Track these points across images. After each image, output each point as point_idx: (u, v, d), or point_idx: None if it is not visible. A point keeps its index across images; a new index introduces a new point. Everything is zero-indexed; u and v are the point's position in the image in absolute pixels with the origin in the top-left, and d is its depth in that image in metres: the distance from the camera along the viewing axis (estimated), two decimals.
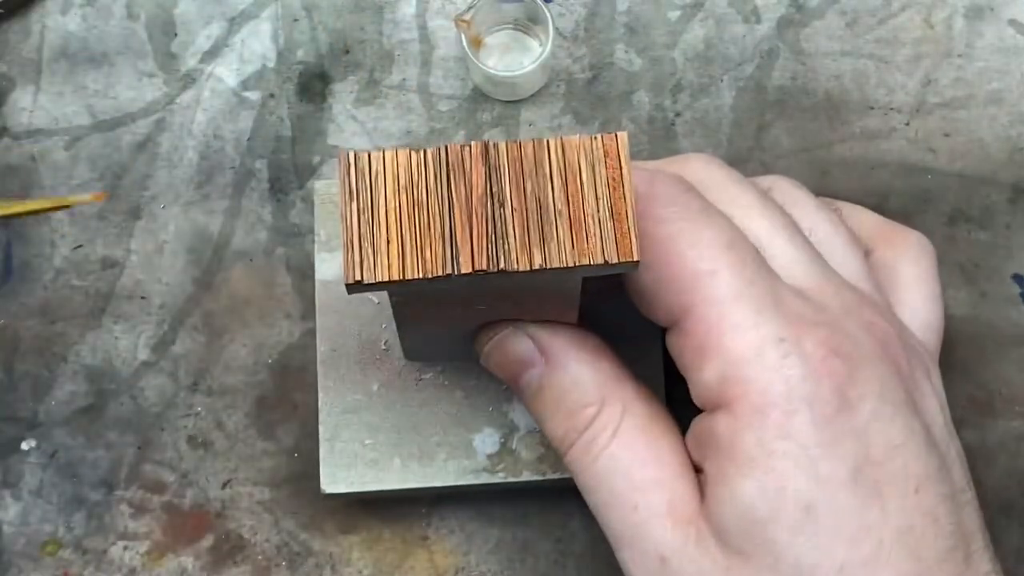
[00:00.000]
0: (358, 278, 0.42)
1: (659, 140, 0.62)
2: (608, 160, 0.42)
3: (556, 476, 0.57)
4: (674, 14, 0.63)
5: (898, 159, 0.62)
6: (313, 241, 0.59)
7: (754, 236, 0.48)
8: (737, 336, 0.45)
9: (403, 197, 0.42)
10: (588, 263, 0.42)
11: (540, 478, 0.57)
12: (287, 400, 0.60)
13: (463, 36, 0.59)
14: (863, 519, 0.44)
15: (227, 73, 0.62)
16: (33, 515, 0.59)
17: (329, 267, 0.58)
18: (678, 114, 0.62)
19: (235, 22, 0.63)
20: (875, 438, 0.45)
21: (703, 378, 0.46)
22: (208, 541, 0.59)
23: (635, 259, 0.42)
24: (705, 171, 0.50)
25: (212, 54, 0.62)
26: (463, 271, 0.42)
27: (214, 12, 0.63)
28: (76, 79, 0.62)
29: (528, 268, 0.42)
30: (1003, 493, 0.59)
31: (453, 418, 0.57)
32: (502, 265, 0.42)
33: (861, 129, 0.62)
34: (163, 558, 0.59)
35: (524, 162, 0.42)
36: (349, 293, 0.42)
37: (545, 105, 0.62)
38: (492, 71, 0.60)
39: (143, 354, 0.60)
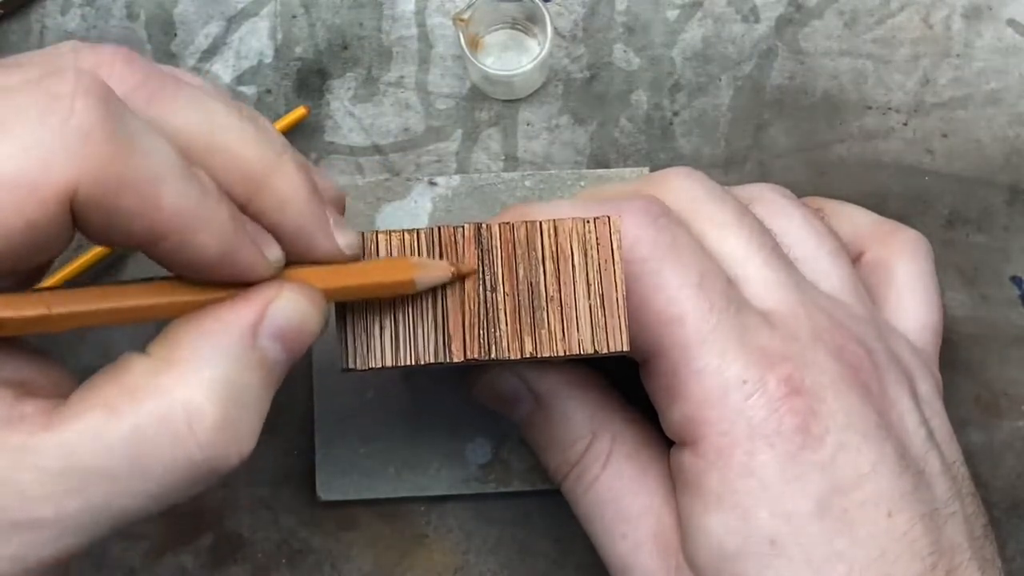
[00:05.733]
0: (352, 366, 0.42)
1: (657, 140, 0.60)
2: (600, 245, 0.42)
3: (546, 487, 0.56)
4: (672, 13, 0.61)
5: (896, 160, 0.60)
6: None
7: (729, 258, 0.48)
8: (701, 380, 0.45)
9: None
10: (578, 352, 0.42)
11: (530, 488, 0.57)
12: (286, 397, 0.58)
13: (461, 35, 0.58)
14: (832, 549, 0.44)
15: (224, 70, 0.61)
16: None
17: None
18: (676, 113, 0.60)
19: (234, 20, 0.61)
20: (842, 469, 0.45)
21: (671, 416, 0.47)
22: (207, 540, 0.58)
23: (625, 349, 0.42)
24: (683, 189, 0.50)
25: (211, 53, 0.61)
26: (455, 360, 0.42)
27: (213, 11, 0.61)
28: None
29: (519, 356, 0.42)
30: (1011, 493, 0.58)
31: (446, 427, 0.57)
32: (493, 355, 0.42)
33: (859, 129, 0.61)
34: (162, 557, 0.58)
35: (516, 245, 0.42)
36: (343, 373, 0.43)
37: (543, 104, 0.61)
38: (490, 70, 0.58)
39: None
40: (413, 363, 0.42)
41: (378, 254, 0.42)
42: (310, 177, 0.41)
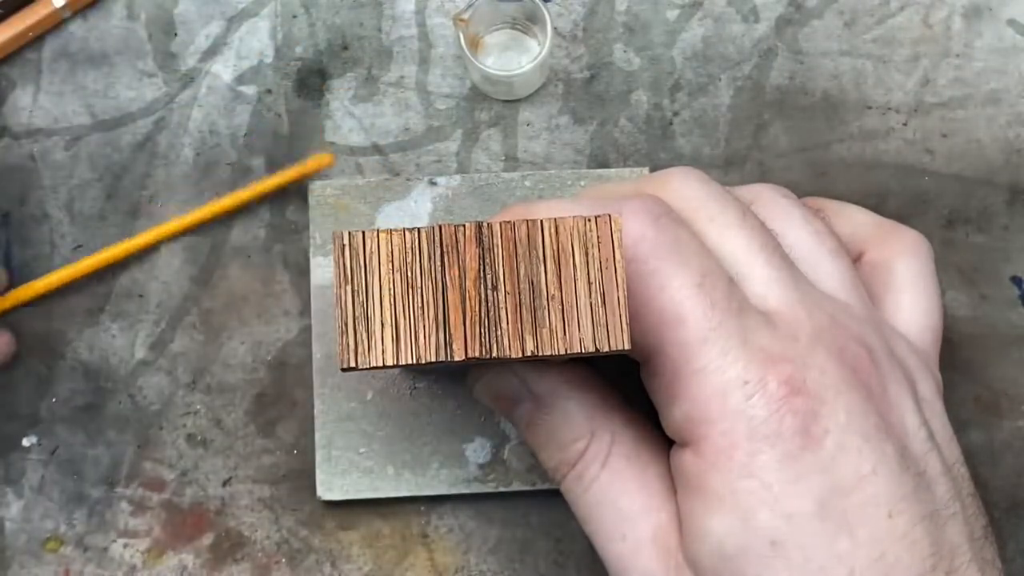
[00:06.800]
0: (352, 364, 0.42)
1: (656, 140, 0.60)
2: (601, 243, 0.42)
3: (546, 487, 0.57)
4: (672, 13, 0.61)
5: (896, 160, 0.60)
6: (310, 238, 0.58)
7: (730, 258, 0.48)
8: (702, 380, 0.45)
9: (397, 278, 0.42)
10: (579, 351, 0.42)
11: (530, 488, 0.57)
12: (286, 397, 0.58)
13: (461, 35, 0.58)
14: (832, 551, 0.44)
15: (224, 70, 0.61)
16: (35, 512, 0.58)
17: (324, 271, 0.57)
18: (676, 113, 0.60)
19: (234, 20, 0.61)
20: (842, 470, 0.44)
21: (671, 415, 0.46)
22: (208, 539, 0.58)
23: (626, 348, 0.42)
24: (685, 188, 0.49)
25: (211, 53, 0.61)
26: (456, 358, 0.41)
27: (214, 11, 0.61)
28: (76, 79, 0.61)
29: (520, 355, 0.41)
30: (1011, 493, 0.58)
31: (446, 427, 0.57)
32: (495, 353, 0.41)
33: (859, 129, 0.60)
34: (163, 556, 0.58)
35: (518, 243, 0.42)
36: (343, 372, 0.42)
37: (543, 104, 0.60)
38: (490, 70, 0.58)
39: (141, 353, 0.59)
40: (414, 362, 0.41)
41: (379, 254, 0.42)
42: None
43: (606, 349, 0.41)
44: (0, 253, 0.59)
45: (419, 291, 0.42)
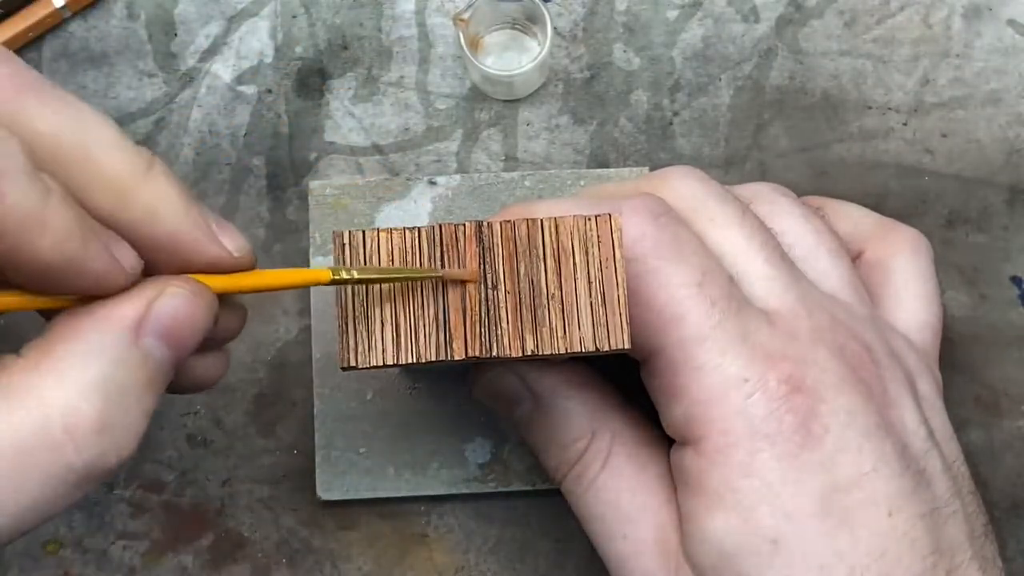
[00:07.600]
0: (352, 364, 0.42)
1: (657, 140, 0.60)
2: (601, 243, 0.42)
3: (546, 487, 0.57)
4: (672, 13, 0.61)
5: (896, 160, 0.60)
6: (310, 238, 0.58)
7: (730, 257, 0.48)
8: (702, 378, 0.45)
9: None
10: (579, 350, 0.42)
11: (530, 488, 0.57)
12: (286, 397, 0.58)
13: (461, 35, 0.58)
14: (833, 548, 0.44)
15: (224, 70, 0.61)
16: None
17: None
18: (676, 113, 0.60)
19: (234, 20, 0.61)
20: (842, 468, 0.44)
21: (671, 414, 0.46)
22: (208, 539, 0.58)
23: (626, 347, 0.42)
24: (684, 187, 0.49)
25: (211, 53, 0.61)
26: (456, 358, 0.41)
27: (214, 11, 0.61)
28: (76, 79, 0.60)
29: (520, 355, 0.41)
30: (1011, 493, 0.58)
31: (446, 427, 0.57)
32: (494, 352, 0.41)
33: (859, 129, 0.60)
34: (163, 557, 0.58)
35: (517, 242, 0.42)
36: (343, 371, 0.42)
37: (543, 104, 0.60)
38: (489, 70, 0.58)
39: None
40: (414, 361, 0.41)
41: (379, 254, 0.42)
42: (184, 187, 0.39)
43: (606, 348, 0.41)
44: None
45: (419, 290, 0.42)
